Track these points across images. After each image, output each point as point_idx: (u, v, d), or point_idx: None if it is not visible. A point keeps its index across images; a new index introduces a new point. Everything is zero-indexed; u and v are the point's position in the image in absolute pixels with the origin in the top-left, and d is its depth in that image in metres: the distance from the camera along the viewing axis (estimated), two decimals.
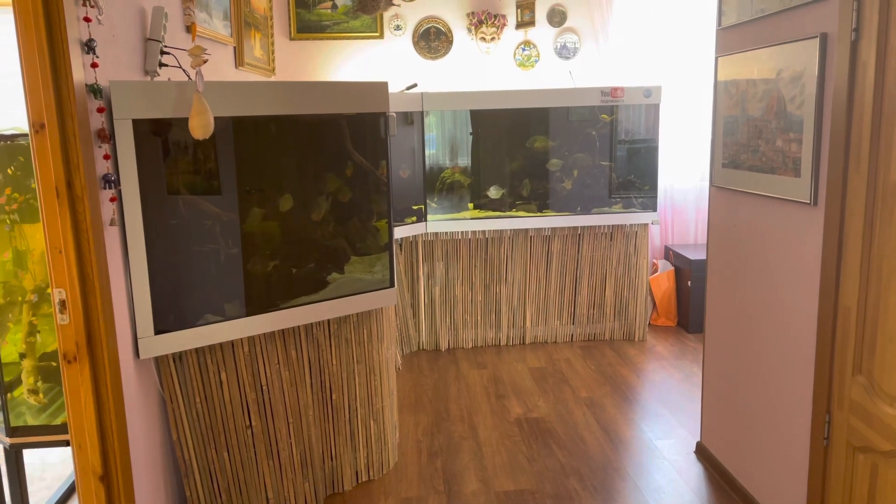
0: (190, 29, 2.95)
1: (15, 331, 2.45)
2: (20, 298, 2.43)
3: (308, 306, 2.64)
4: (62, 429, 2.32)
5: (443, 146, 4.52)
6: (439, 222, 4.43)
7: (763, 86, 2.48)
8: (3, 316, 2.42)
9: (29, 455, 3.29)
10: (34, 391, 2.39)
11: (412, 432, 3.43)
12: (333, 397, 2.82)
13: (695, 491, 2.87)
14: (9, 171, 2.34)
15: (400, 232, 4.27)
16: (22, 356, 2.43)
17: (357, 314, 2.84)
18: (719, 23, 2.81)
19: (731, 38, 2.73)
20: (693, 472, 3.02)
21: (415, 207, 4.40)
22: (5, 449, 2.36)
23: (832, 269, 2.09)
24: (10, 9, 1.82)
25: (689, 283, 4.81)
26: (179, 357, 2.46)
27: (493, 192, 4.28)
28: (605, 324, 4.74)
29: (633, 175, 4.59)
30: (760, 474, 2.63)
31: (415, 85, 4.53)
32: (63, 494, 2.91)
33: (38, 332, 2.45)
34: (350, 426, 2.90)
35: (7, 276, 2.42)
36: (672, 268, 5.10)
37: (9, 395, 2.40)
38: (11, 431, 2.32)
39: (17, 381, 2.44)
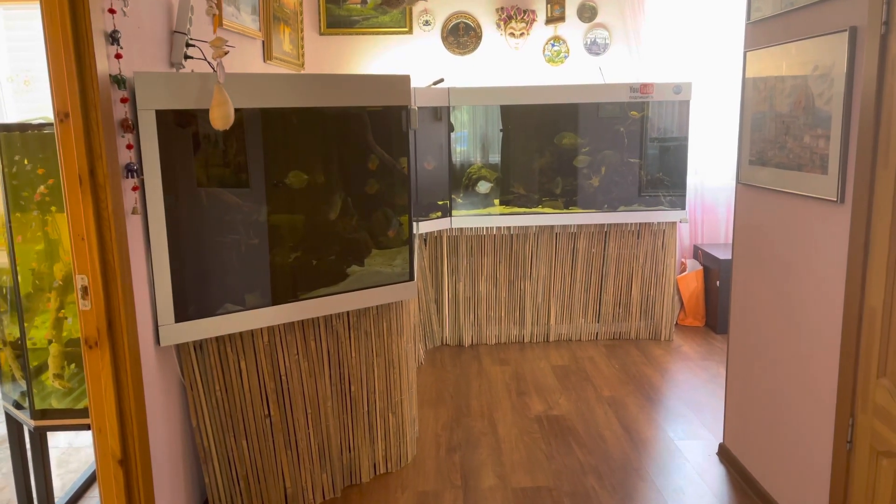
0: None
1: (44, 317, 2.51)
2: (49, 285, 2.49)
3: (328, 298, 2.66)
4: (85, 413, 2.37)
5: (469, 142, 4.51)
6: (464, 218, 4.43)
7: (791, 81, 2.42)
8: (32, 303, 2.48)
9: (57, 439, 3.38)
10: (59, 376, 2.45)
11: (432, 426, 3.43)
12: (352, 389, 2.84)
13: (716, 493, 2.83)
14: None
15: (425, 227, 4.27)
16: (50, 342, 2.49)
17: (377, 307, 2.85)
18: (748, 17, 2.76)
19: (760, 32, 2.67)
20: (715, 473, 2.97)
21: (440, 203, 4.39)
22: (30, 431, 2.42)
23: (858, 269, 2.03)
24: (37, 2, 1.86)
25: (718, 283, 4.73)
26: (200, 345, 2.49)
27: (482, 188, 4.25)
28: (630, 323, 4.68)
29: (662, 172, 4.53)
30: (783, 477, 2.58)
31: (441, 80, 4.53)
32: (88, 478, 2.97)
33: (66, 318, 2.51)
34: (368, 418, 2.91)
35: (37, 264, 2.47)
36: (701, 267, 5.02)
37: (37, 379, 2.46)
38: (36, 414, 2.38)
39: (46, 366, 2.50)
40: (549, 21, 5.18)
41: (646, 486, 2.87)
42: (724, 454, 3.06)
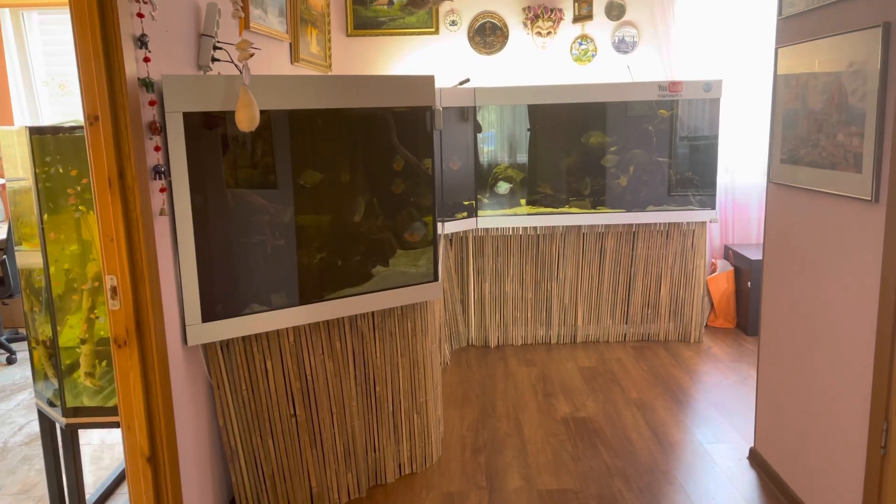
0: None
1: (77, 317, 2.55)
2: (82, 286, 2.54)
3: (353, 298, 2.67)
4: (115, 411, 2.41)
5: (496, 142, 4.49)
6: (490, 218, 4.41)
7: (824, 77, 2.37)
8: (65, 303, 2.53)
9: (91, 436, 3.44)
10: (90, 374, 2.49)
11: (457, 427, 3.43)
12: (377, 389, 2.85)
13: (746, 498, 2.78)
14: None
15: (451, 227, 4.27)
16: (83, 341, 2.54)
17: (401, 307, 2.85)
18: (780, 12, 2.70)
19: (792, 27, 2.62)
20: (745, 478, 2.92)
21: (466, 203, 4.39)
22: (61, 429, 2.47)
23: (893, 270, 1.98)
24: (68, 8, 1.90)
25: (749, 283, 4.65)
26: (227, 345, 2.52)
27: (502, 188, 4.23)
28: (659, 324, 4.63)
29: (692, 172, 4.46)
30: (815, 483, 2.52)
31: (467, 80, 4.52)
32: (119, 475, 3.02)
33: (98, 317, 2.55)
34: (393, 419, 2.91)
35: (71, 264, 2.52)
36: (731, 268, 4.94)
37: (69, 377, 2.50)
38: (68, 412, 2.42)
39: (78, 365, 2.55)
40: (576, 20, 5.14)
41: (674, 490, 2.83)
42: (755, 458, 3.01)
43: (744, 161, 5.07)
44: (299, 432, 2.68)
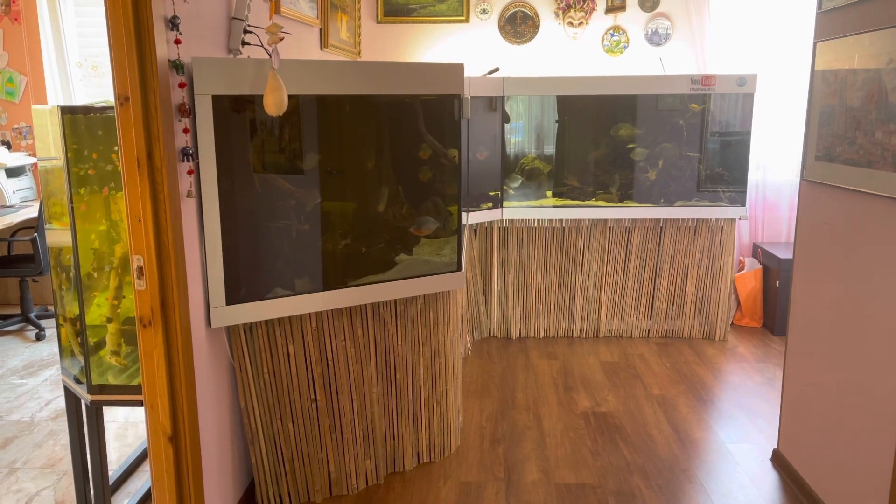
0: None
1: (103, 296, 2.58)
2: (109, 265, 2.56)
3: (376, 285, 2.67)
4: (139, 389, 2.44)
5: (524, 132, 4.46)
6: (515, 209, 4.39)
7: (864, 73, 2.31)
8: (92, 281, 2.56)
9: (116, 413, 3.50)
10: (116, 353, 2.52)
11: (476, 418, 3.42)
12: (397, 377, 2.85)
13: (767, 499, 2.74)
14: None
15: (475, 217, 4.25)
16: (109, 320, 2.57)
17: (424, 296, 2.84)
18: (820, 5, 2.64)
19: (832, 21, 2.55)
20: (767, 480, 2.88)
21: (491, 193, 4.36)
22: (86, 405, 2.51)
23: None
24: None
25: (778, 283, 4.57)
26: (250, 328, 2.53)
27: (515, 182, 4.20)
28: (684, 321, 4.57)
29: (722, 167, 4.39)
30: (840, 488, 2.48)
31: (497, 69, 4.49)
32: (142, 453, 3.07)
33: (124, 297, 2.58)
34: (413, 407, 2.92)
35: (99, 244, 2.55)
36: (760, 266, 4.86)
37: (95, 355, 2.54)
38: (94, 389, 2.46)
39: (104, 343, 2.58)
40: (608, 10, 5.07)
41: (694, 489, 2.80)
42: (778, 460, 2.96)
43: (776, 158, 4.98)
44: (319, 417, 2.69)
